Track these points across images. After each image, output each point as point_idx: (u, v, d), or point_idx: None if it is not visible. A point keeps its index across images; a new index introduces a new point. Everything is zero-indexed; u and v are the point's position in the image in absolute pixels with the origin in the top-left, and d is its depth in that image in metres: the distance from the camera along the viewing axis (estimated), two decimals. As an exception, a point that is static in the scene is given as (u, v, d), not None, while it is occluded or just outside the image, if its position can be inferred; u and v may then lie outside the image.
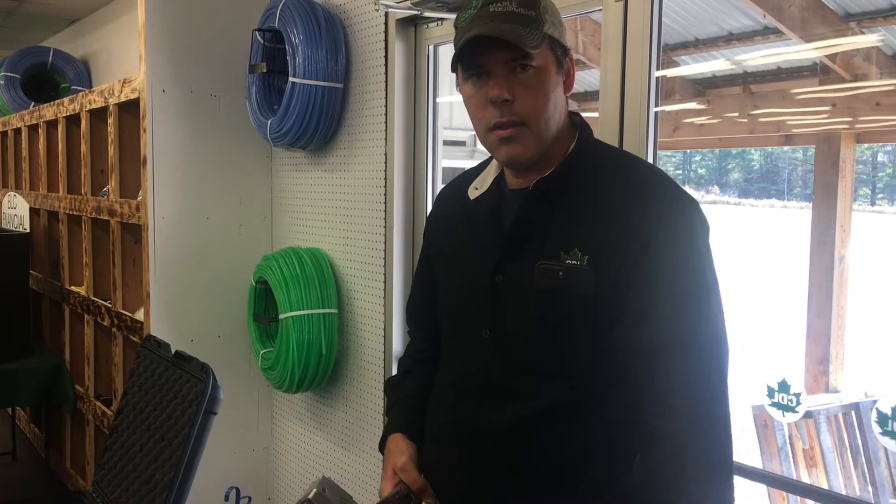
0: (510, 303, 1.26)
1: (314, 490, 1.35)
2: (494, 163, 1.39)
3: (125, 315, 3.17)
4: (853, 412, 3.75)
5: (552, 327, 1.23)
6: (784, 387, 2.20)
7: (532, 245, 1.25)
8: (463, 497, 1.34)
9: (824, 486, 3.69)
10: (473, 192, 1.38)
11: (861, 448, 3.73)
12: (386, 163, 2.54)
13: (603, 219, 1.20)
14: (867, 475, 3.74)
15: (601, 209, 1.21)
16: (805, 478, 3.66)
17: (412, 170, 2.56)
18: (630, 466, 1.24)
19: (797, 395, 2.20)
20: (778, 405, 2.26)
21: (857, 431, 3.74)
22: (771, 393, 2.26)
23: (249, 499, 2.87)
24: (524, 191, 1.29)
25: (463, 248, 1.38)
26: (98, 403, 3.47)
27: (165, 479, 1.63)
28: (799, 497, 3.64)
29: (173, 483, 1.60)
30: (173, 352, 1.83)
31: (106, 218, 3.30)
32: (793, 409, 2.23)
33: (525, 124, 1.22)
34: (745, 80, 4.64)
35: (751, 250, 15.00)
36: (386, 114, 2.53)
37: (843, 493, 3.75)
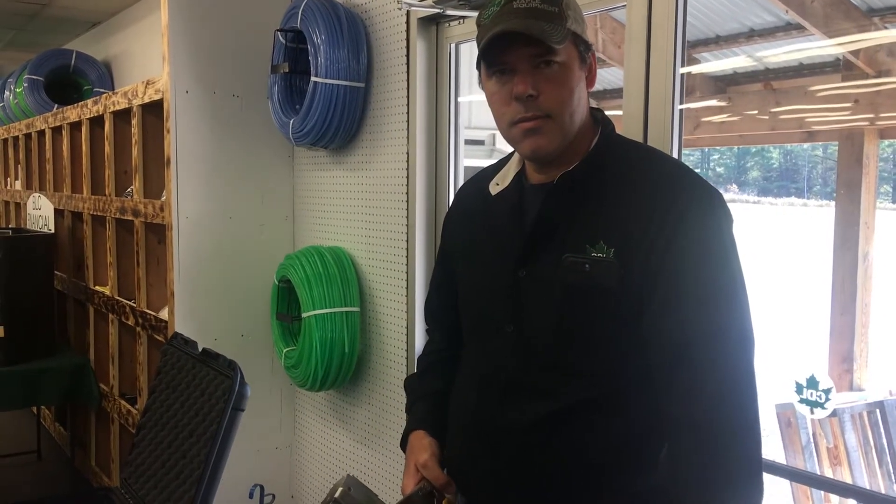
0: (534, 298, 1.26)
1: (340, 489, 1.35)
2: (515, 158, 1.39)
3: (149, 314, 3.20)
4: (878, 410, 3.71)
5: (577, 322, 1.22)
6: (813, 383, 2.18)
7: (556, 239, 1.25)
8: (486, 493, 1.34)
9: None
10: (494, 188, 1.38)
11: (886, 446, 3.69)
12: (408, 161, 2.55)
13: (629, 212, 1.20)
14: (892, 474, 3.71)
15: (627, 202, 1.21)
16: (829, 476, 3.63)
17: (434, 168, 2.56)
18: (656, 461, 1.24)
19: (826, 392, 2.18)
20: (807, 401, 2.24)
21: (882, 430, 3.71)
22: (799, 389, 2.25)
23: (273, 496, 2.89)
24: (547, 185, 1.29)
25: (484, 245, 1.38)
26: (123, 402, 3.51)
27: (194, 475, 1.65)
28: (823, 495, 3.61)
29: (202, 479, 1.61)
30: (200, 349, 1.85)
31: (130, 218, 3.33)
32: (822, 406, 2.21)
33: (550, 117, 1.22)
34: (767, 76, 4.61)
35: (771, 249, 14.89)
36: (408, 112, 2.54)
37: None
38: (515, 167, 1.37)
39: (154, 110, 3.16)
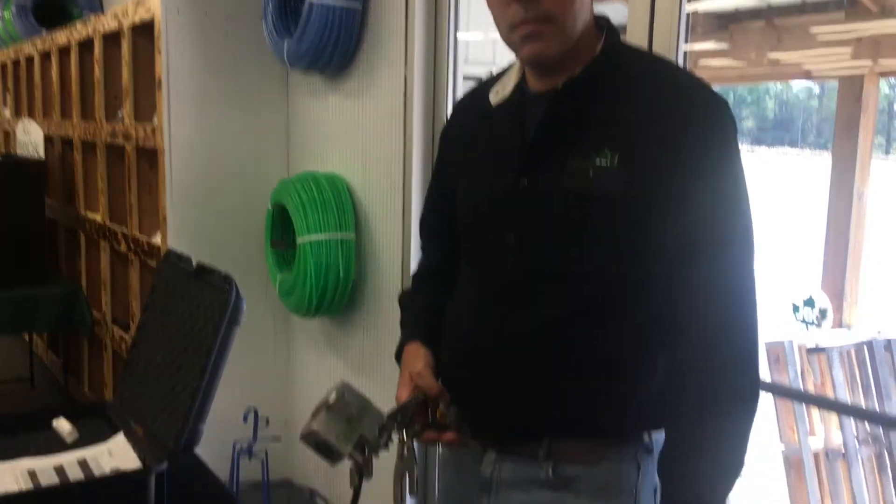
0: (536, 206, 1.24)
1: (333, 395, 1.35)
2: (516, 66, 1.35)
3: (142, 240, 3.18)
4: (866, 348, 3.76)
5: (580, 230, 1.21)
6: (810, 303, 2.19)
7: (559, 147, 1.22)
8: (481, 403, 1.33)
9: (835, 421, 3.72)
10: (494, 97, 1.35)
11: (872, 384, 3.75)
12: (406, 86, 2.50)
13: (634, 119, 1.18)
14: (877, 410, 3.78)
15: (632, 109, 1.19)
16: (816, 410, 3.69)
17: (432, 93, 2.52)
18: (656, 369, 1.24)
19: (823, 311, 2.19)
20: (804, 321, 2.25)
21: (869, 368, 3.76)
22: (796, 309, 2.25)
23: (267, 420, 2.93)
24: (549, 94, 1.26)
25: (484, 155, 1.36)
26: (115, 329, 3.51)
27: (189, 387, 1.64)
28: (808, 425, 3.68)
29: (197, 391, 1.61)
30: (195, 265, 1.83)
31: (121, 143, 3.29)
32: (818, 325, 2.23)
33: (550, 21, 1.19)
34: (770, 13, 4.54)
35: (766, 194, 14.91)
36: (406, 36, 2.49)
37: (854, 431, 3.79)
38: (516, 75, 1.34)
39: (145, 33, 3.08)
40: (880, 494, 3.76)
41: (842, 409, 1.87)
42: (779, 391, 2.19)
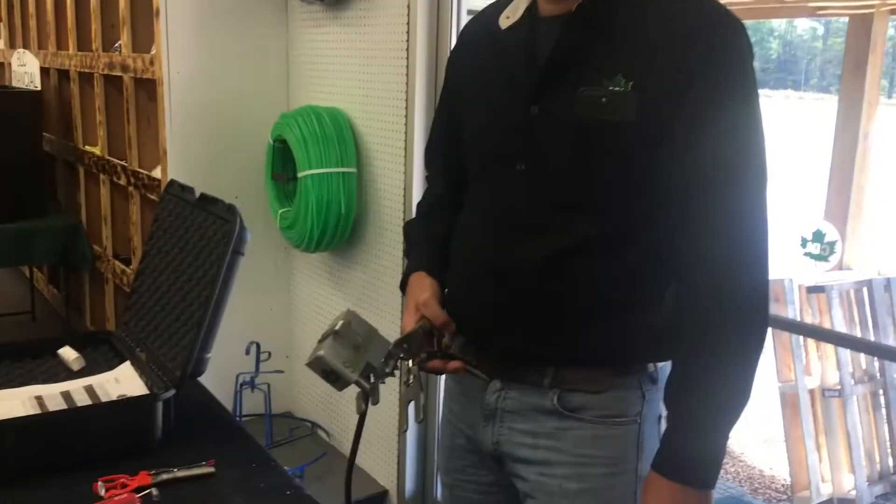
0: (547, 133, 1.22)
1: (340, 322, 1.35)
2: None
3: (142, 173, 3.15)
4: (865, 288, 3.77)
5: (592, 157, 1.19)
6: (818, 236, 2.17)
7: (572, 72, 1.19)
8: (487, 332, 1.33)
9: (832, 361, 3.75)
10: (504, 22, 1.31)
11: (870, 323, 3.77)
12: (409, 16, 2.45)
13: (648, 43, 1.15)
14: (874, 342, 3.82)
15: (647, 34, 1.16)
16: (813, 350, 3.72)
17: (436, 23, 2.46)
18: (662, 299, 1.24)
19: (832, 244, 2.17)
20: (811, 255, 2.24)
21: (868, 307, 3.78)
22: (804, 243, 2.24)
23: (269, 353, 2.95)
24: (561, 17, 1.22)
25: (493, 81, 1.33)
26: (117, 263, 3.51)
27: (195, 316, 1.65)
28: (805, 363, 3.72)
29: (203, 320, 1.61)
30: (198, 195, 1.82)
31: (118, 74, 3.23)
32: (825, 259, 2.21)
33: None
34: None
35: (770, 137, 14.78)
36: (409, -37, 2.43)
37: (850, 368, 3.82)
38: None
39: (141, -41, 3.01)
40: (874, 431, 3.83)
41: (838, 339, 1.87)
42: (778, 323, 2.20)
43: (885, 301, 3.81)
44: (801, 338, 3.62)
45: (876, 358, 3.85)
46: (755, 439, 4.44)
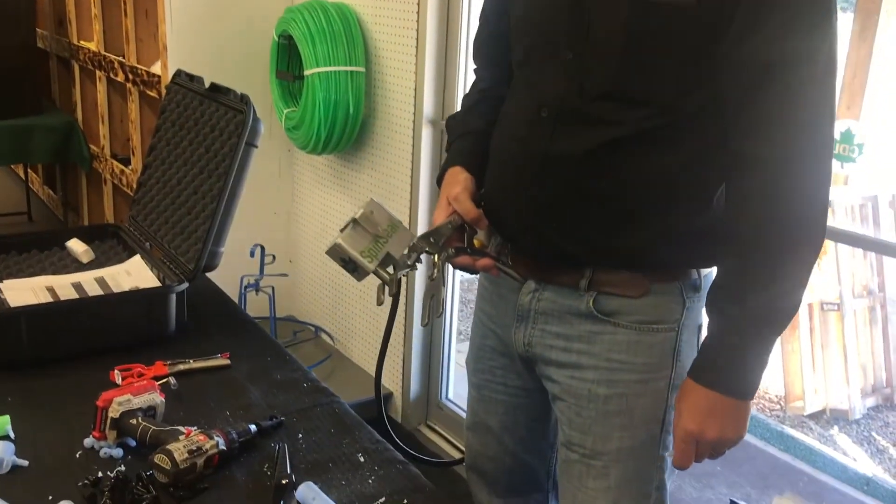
0: (597, 18, 1.14)
1: (361, 210, 1.32)
2: None
3: (140, 69, 3.05)
4: (870, 204, 3.75)
5: (644, 45, 1.11)
6: (848, 137, 2.11)
7: None
8: (524, 229, 1.27)
9: (833, 275, 3.77)
10: None
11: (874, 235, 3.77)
12: None
13: None
14: (874, 262, 3.84)
15: None
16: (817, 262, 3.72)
17: (451, -87, 2.36)
18: (711, 201, 1.18)
19: (860, 146, 2.11)
20: (839, 156, 2.17)
21: (872, 222, 3.77)
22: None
23: (273, 257, 2.93)
24: None
25: None
26: (115, 162, 3.44)
27: (208, 209, 1.61)
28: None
29: (216, 213, 1.58)
30: (208, 84, 1.76)
31: (115, -36, 3.10)
32: (853, 160, 2.16)
33: None
34: None
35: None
36: None
37: (851, 282, 3.84)
38: None
39: None
40: (871, 346, 3.86)
41: (840, 238, 1.84)
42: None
43: (888, 217, 3.80)
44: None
45: (876, 272, 3.86)
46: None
